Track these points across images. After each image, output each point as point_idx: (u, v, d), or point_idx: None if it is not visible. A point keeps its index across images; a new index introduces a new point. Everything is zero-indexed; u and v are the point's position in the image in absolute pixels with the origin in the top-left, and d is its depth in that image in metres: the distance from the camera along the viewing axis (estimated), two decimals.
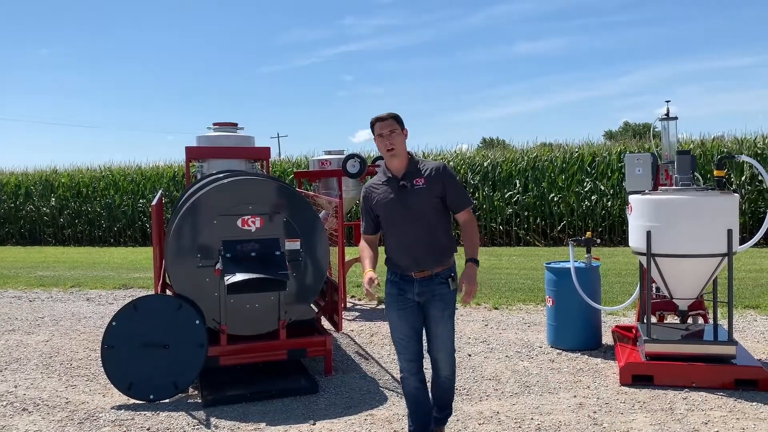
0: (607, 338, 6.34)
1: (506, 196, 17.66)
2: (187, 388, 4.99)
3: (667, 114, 5.82)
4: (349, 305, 8.62)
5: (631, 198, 5.33)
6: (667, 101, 5.84)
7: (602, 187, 16.79)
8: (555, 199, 17.15)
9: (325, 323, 6.21)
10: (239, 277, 4.76)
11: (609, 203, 16.62)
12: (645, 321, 5.29)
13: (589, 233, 6.44)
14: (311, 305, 5.79)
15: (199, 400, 4.88)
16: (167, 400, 4.88)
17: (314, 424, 4.38)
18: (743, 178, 15.60)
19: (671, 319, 6.31)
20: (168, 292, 5.53)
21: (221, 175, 5.90)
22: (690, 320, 5.75)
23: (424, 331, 3.69)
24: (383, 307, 8.43)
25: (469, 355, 5.98)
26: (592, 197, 16.86)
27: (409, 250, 3.54)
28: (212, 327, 5.10)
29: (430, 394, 3.82)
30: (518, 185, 17.64)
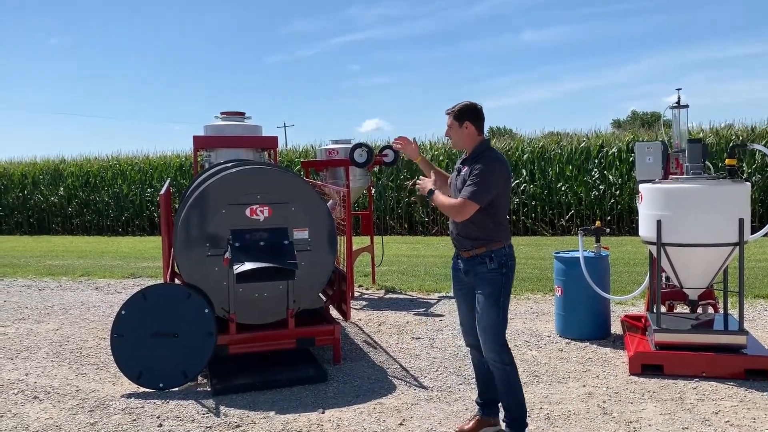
0: (616, 328, 6.32)
1: (513, 185, 17.60)
2: (196, 376, 5.01)
3: (678, 102, 5.75)
4: (356, 294, 8.63)
5: (642, 187, 5.28)
6: (678, 89, 5.78)
7: (610, 177, 16.69)
8: (563, 189, 17.08)
9: (334, 312, 6.22)
10: (248, 266, 4.76)
11: (617, 192, 16.53)
12: (655, 310, 5.27)
13: (598, 222, 6.41)
14: (319, 294, 5.80)
15: (209, 389, 4.90)
16: (177, 389, 4.90)
17: (323, 413, 4.39)
18: (754, 166, 15.48)
19: (681, 308, 6.28)
20: (177, 282, 5.54)
21: (229, 165, 5.90)
22: (700, 310, 5.71)
23: None
24: (391, 296, 8.48)
25: None
26: (600, 187, 16.77)
27: (453, 229, 3.81)
28: (221, 316, 5.11)
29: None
30: (525, 174, 17.57)
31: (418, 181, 3.93)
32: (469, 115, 3.76)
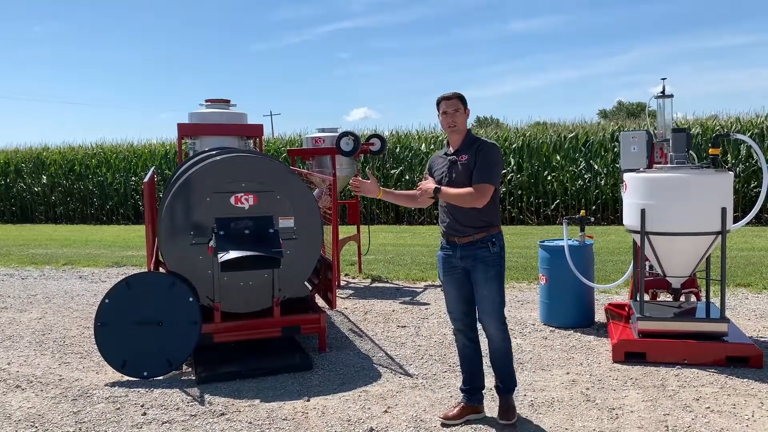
0: (599, 316, 6.37)
1: None
2: (180, 365, 4.99)
3: (663, 92, 5.78)
4: (343, 283, 8.63)
5: (626, 176, 5.31)
6: (663, 78, 5.81)
7: (596, 166, 16.78)
8: (549, 178, 17.14)
9: (319, 301, 6.21)
10: (233, 254, 4.74)
11: (602, 182, 16.63)
12: (638, 299, 5.31)
13: (583, 212, 6.44)
14: (305, 283, 5.78)
15: (193, 377, 4.88)
16: (161, 378, 4.88)
17: (308, 401, 4.39)
18: (739, 157, 15.62)
19: (664, 297, 6.35)
20: (162, 270, 5.51)
21: (214, 153, 5.85)
22: (683, 298, 5.77)
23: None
24: (377, 285, 8.49)
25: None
26: (586, 176, 16.85)
27: (451, 217, 3.85)
28: (206, 304, 5.09)
29: (484, 356, 4.09)
30: (512, 164, 17.61)
31: (420, 186, 3.94)
32: (466, 103, 3.88)
